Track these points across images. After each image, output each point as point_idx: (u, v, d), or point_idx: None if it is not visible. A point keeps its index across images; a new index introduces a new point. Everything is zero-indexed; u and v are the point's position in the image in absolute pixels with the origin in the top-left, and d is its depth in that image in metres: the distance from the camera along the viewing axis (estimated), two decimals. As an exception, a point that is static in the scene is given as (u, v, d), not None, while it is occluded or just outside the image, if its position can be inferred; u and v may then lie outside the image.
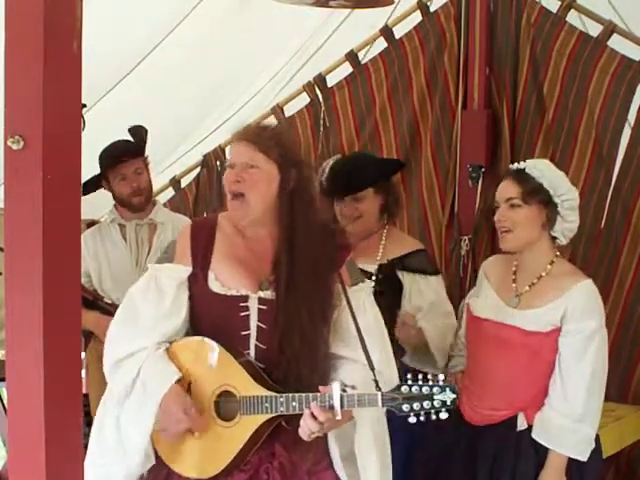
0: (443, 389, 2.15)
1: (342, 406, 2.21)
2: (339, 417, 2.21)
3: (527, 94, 4.29)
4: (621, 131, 4.02)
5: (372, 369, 2.32)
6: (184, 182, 5.27)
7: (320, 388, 2.24)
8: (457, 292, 4.28)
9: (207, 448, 2.40)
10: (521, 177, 2.91)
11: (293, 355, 2.35)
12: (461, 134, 4.43)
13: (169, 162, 5.33)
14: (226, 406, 2.39)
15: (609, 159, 4.04)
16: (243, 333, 2.42)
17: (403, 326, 3.30)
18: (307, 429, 2.25)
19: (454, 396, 2.14)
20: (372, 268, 3.47)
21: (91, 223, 5.03)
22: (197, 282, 2.46)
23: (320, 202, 2.67)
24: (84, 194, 3.61)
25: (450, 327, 3.38)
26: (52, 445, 1.95)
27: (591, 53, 4.07)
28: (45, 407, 1.95)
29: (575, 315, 2.83)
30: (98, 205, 4.37)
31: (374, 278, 3.45)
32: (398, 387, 2.18)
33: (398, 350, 3.19)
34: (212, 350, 2.39)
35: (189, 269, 2.47)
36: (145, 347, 2.43)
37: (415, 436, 3.27)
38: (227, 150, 5.13)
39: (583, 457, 2.85)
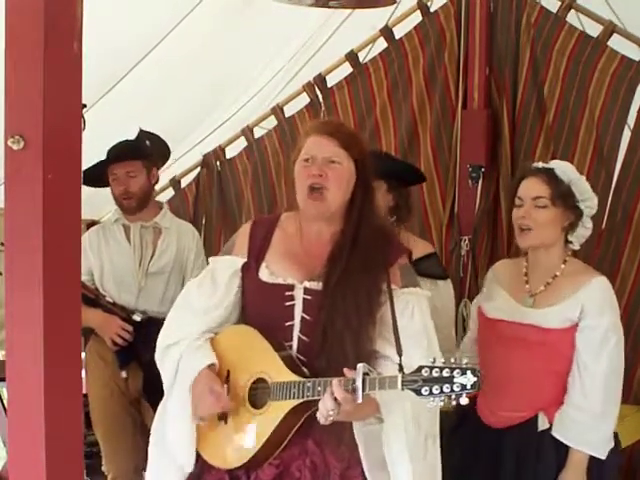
0: (464, 372, 2.03)
1: (364, 388, 2.13)
2: (359, 400, 2.14)
3: (527, 94, 4.28)
4: (621, 131, 4.02)
5: (399, 354, 2.26)
6: (184, 182, 5.28)
7: (345, 371, 2.18)
8: (457, 292, 4.28)
9: (237, 437, 2.39)
10: (551, 178, 2.89)
11: (335, 347, 2.31)
12: (461, 134, 4.43)
13: (169, 162, 5.32)
14: (259, 393, 2.39)
15: (609, 160, 4.03)
16: (287, 324, 2.42)
17: None
18: (323, 407, 2.19)
19: (475, 379, 2.02)
20: None
21: (91, 223, 5.04)
22: (249, 272, 2.50)
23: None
24: (88, 183, 3.59)
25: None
26: (52, 445, 1.95)
27: (591, 53, 4.06)
28: (45, 407, 1.95)
29: (592, 311, 2.82)
30: (98, 205, 4.37)
31: None
32: (419, 369, 2.09)
33: None
34: None
35: (244, 259, 2.51)
36: (191, 333, 2.46)
37: None
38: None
39: (602, 455, 2.82)
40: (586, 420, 2.81)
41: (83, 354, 3.86)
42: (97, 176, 3.86)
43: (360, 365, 2.15)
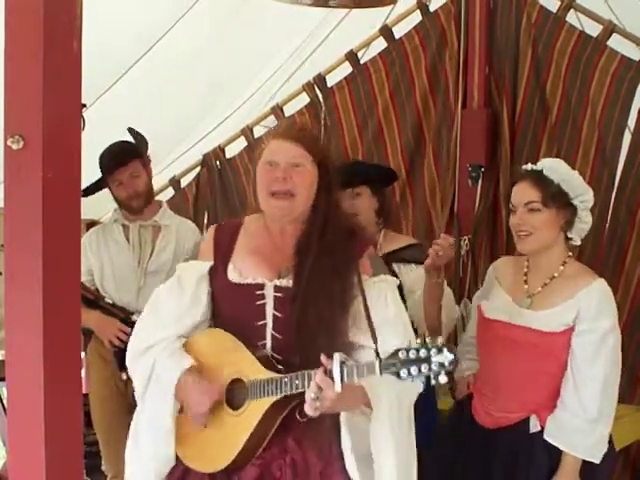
0: (440, 350, 2.03)
1: (342, 378, 2.15)
2: (339, 389, 2.15)
3: (529, 94, 4.28)
4: (623, 131, 4.02)
5: (375, 341, 2.27)
6: (184, 182, 5.28)
7: (322, 360, 2.18)
8: (457, 292, 4.28)
9: (218, 440, 2.39)
10: (540, 180, 2.87)
11: (310, 342, 2.31)
12: (461, 134, 4.43)
13: (169, 162, 5.33)
14: (236, 394, 2.39)
15: (612, 159, 4.04)
16: (259, 323, 2.42)
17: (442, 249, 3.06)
18: (308, 397, 2.20)
19: (452, 356, 2.03)
20: None
21: (91, 223, 5.04)
22: (217, 275, 2.50)
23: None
24: (86, 196, 3.64)
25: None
26: (52, 445, 1.95)
27: (591, 53, 4.06)
28: (45, 407, 1.95)
29: (589, 315, 2.80)
30: (98, 205, 4.36)
31: None
32: (395, 352, 2.09)
33: None
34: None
35: (210, 263, 2.51)
36: (163, 339, 2.47)
37: (429, 437, 3.29)
38: (234, 149, 5.13)
39: (596, 459, 2.80)
40: (580, 424, 2.79)
41: (83, 354, 3.86)
42: (95, 187, 3.88)
43: (336, 354, 2.16)
